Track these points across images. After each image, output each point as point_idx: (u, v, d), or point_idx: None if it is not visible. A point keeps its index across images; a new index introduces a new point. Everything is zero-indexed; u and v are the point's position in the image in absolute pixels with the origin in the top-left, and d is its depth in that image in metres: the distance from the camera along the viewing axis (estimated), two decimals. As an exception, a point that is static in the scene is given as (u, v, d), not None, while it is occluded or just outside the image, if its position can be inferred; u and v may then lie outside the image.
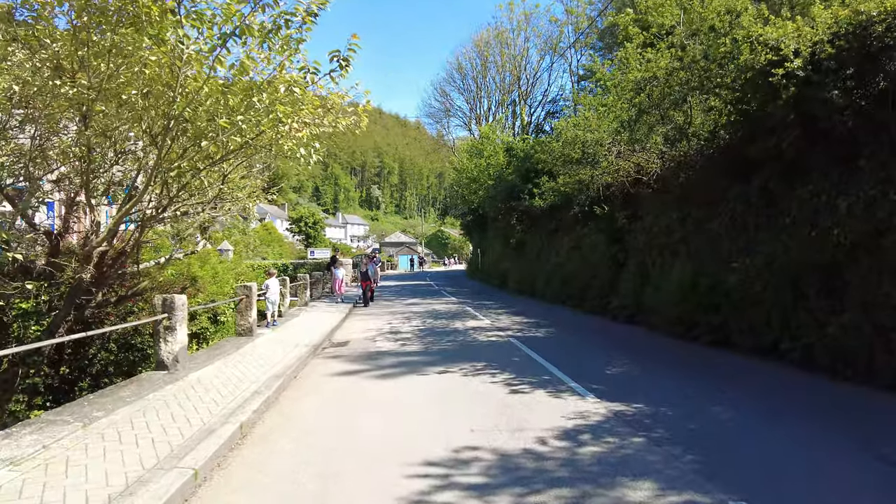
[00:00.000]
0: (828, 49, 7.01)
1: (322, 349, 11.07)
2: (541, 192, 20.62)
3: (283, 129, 8.14)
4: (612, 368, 8.50)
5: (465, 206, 36.70)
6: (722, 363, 9.02)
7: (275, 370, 8.34)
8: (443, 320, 15.07)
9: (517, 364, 8.90)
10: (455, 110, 50.60)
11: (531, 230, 25.99)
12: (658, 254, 14.20)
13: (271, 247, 41.01)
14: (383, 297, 24.16)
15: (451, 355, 9.85)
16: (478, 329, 13.15)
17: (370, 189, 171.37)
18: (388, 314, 16.78)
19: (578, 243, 19.82)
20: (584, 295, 17.50)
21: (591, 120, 13.50)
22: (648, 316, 13.32)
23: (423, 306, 19.30)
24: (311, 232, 56.72)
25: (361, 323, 14.85)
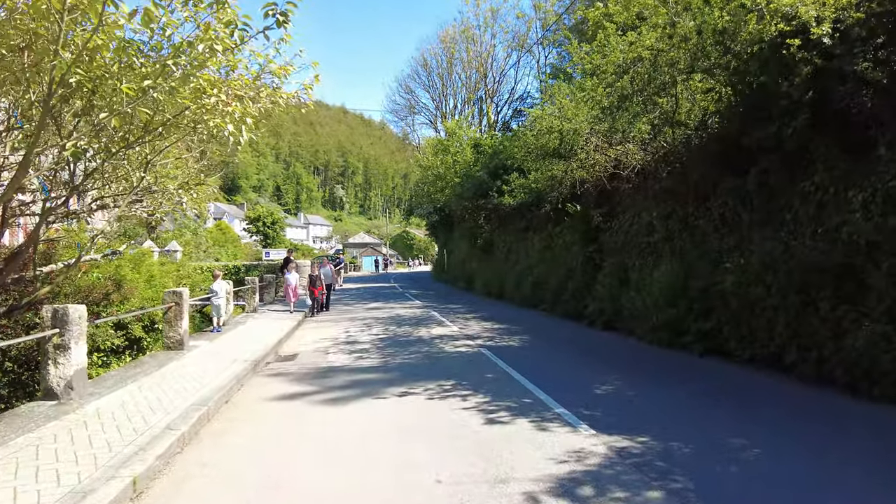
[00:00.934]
0: (854, 15, 5.99)
1: (265, 364, 9.60)
2: (510, 190, 19.50)
3: (207, 102, 6.68)
4: (600, 387, 7.33)
5: (431, 206, 35.42)
6: (722, 378, 7.97)
7: (201, 394, 6.87)
8: (406, 327, 13.72)
9: (492, 382, 7.64)
10: (420, 108, 49.32)
11: (500, 230, 24.88)
12: (638, 254, 13.21)
13: (225, 248, 38.81)
14: (343, 300, 22.63)
15: (414, 371, 8.53)
16: (445, 337, 11.86)
17: (334, 189, 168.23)
18: (347, 321, 15.33)
19: (550, 243, 18.77)
20: (557, 298, 16.43)
21: (568, 108, 12.38)
22: (629, 322, 12.28)
23: (386, 311, 17.90)
24: (270, 232, 54.41)
25: (314, 332, 13.37)
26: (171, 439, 5.19)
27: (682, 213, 11.45)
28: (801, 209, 8.42)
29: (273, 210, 57.08)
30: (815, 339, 7.30)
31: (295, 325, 14.04)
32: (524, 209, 20.46)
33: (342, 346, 10.99)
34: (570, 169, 15.25)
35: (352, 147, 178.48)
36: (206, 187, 13.71)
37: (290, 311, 16.40)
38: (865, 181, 7.35)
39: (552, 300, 16.75)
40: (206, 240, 35.95)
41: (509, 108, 40.98)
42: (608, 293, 13.39)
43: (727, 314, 9.19)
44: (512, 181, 19.42)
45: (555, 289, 16.67)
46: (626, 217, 13.90)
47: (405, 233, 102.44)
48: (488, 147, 25.11)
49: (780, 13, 6.71)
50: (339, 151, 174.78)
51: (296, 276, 17.61)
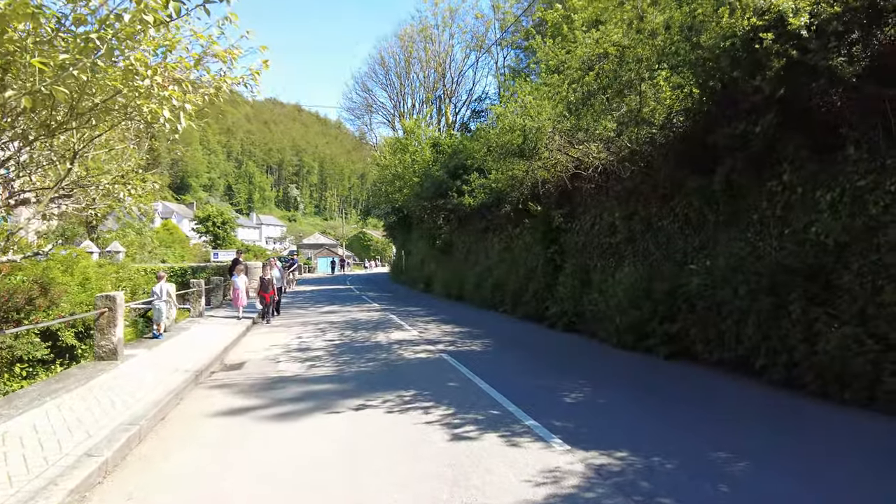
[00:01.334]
0: (829, 9, 5.81)
1: (209, 374, 8.84)
2: (471, 190, 19.11)
3: (140, 84, 5.96)
4: (570, 395, 6.95)
5: (389, 206, 34.72)
6: (691, 382, 7.74)
7: (132, 411, 6.11)
8: (363, 332, 13.09)
9: (456, 391, 7.15)
10: (378, 106, 48.49)
11: (459, 230, 24.49)
12: (600, 255, 13.02)
13: (172, 248, 36.98)
14: (296, 303, 21.74)
15: (372, 380, 7.96)
16: (404, 343, 11.31)
17: (288, 189, 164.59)
18: (299, 325, 14.56)
19: (510, 244, 18.48)
20: (517, 300, 16.12)
21: (531, 106, 12.04)
22: (591, 324, 12.05)
23: (342, 315, 17.19)
24: (220, 232, 52.43)
25: (264, 338, 12.58)
26: (89, 468, 4.48)
27: (645, 213, 11.29)
28: (768, 209, 8.31)
29: (223, 210, 55.06)
30: (785, 342, 7.13)
31: (243, 331, 13.20)
32: (484, 209, 20.12)
33: (294, 354, 10.29)
34: (532, 169, 14.95)
35: (307, 146, 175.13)
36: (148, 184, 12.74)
37: (237, 318, 15.28)
38: (833, 181, 7.25)
39: (513, 302, 16.44)
40: (151, 240, 34.10)
41: (468, 108, 40.71)
42: (570, 295, 13.15)
43: (693, 317, 9.01)
44: (472, 181, 19.04)
45: (515, 290, 16.37)
46: (587, 218, 13.70)
47: (362, 234, 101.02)
48: (447, 146, 24.69)
49: (753, 7, 6.50)
50: (294, 150, 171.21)
51: (244, 280, 16.39)
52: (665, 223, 10.71)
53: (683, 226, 10.21)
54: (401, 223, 36.74)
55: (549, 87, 10.85)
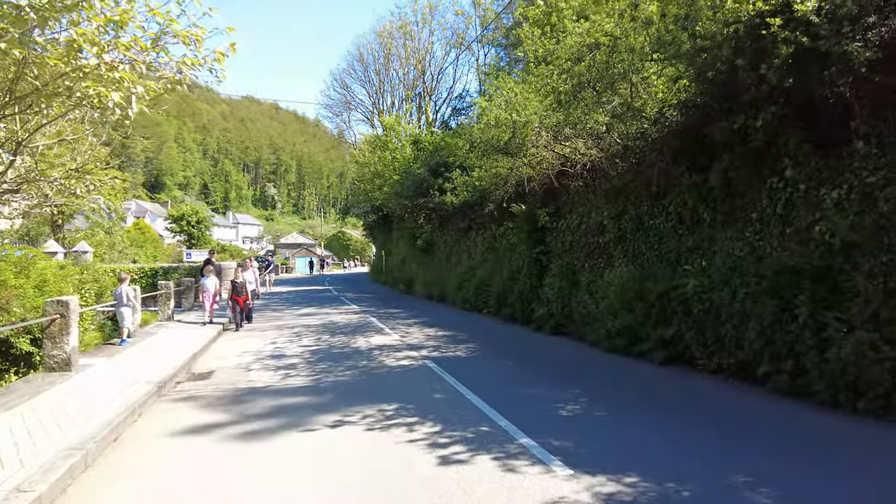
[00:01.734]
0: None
1: (175, 385, 8.15)
2: (453, 188, 18.56)
3: (85, 63, 5.30)
4: (565, 406, 6.45)
5: (369, 204, 34.05)
6: (691, 391, 7.30)
7: (80, 433, 5.44)
8: (342, 336, 12.45)
9: (442, 404, 6.60)
10: (356, 104, 47.71)
11: (441, 230, 23.94)
12: (587, 256, 12.59)
13: (144, 248, 35.75)
14: (272, 305, 20.96)
15: (351, 391, 7.36)
16: (385, 348, 10.71)
17: (265, 187, 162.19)
18: (274, 330, 13.85)
19: (494, 244, 17.99)
20: (502, 301, 15.63)
21: (516, 101, 11.52)
22: (580, 326, 11.61)
23: (319, 317, 16.50)
24: (195, 232, 51.09)
25: (236, 343, 11.86)
26: (16, 509, 3.83)
27: (635, 212, 10.86)
28: (768, 208, 7.91)
29: (198, 208, 53.68)
30: (791, 348, 6.73)
31: (214, 337, 12.46)
32: (467, 208, 19.59)
33: (267, 362, 9.62)
34: (517, 166, 14.47)
35: (284, 144, 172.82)
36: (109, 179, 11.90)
37: (206, 323, 14.24)
38: (839, 178, 6.87)
39: (497, 303, 15.95)
40: (122, 240, 32.89)
41: (448, 106, 40.20)
42: (557, 296, 12.69)
43: (689, 320, 8.59)
44: (454, 179, 18.49)
45: (499, 291, 15.88)
46: (574, 217, 13.25)
47: (341, 233, 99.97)
48: (428, 143, 24.11)
49: (761, -9, 6.07)
50: (272, 148, 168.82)
51: (214, 282, 15.14)
52: (657, 222, 10.29)
53: (677, 225, 9.80)
54: (381, 222, 36.07)
55: (538, 77, 10.32)
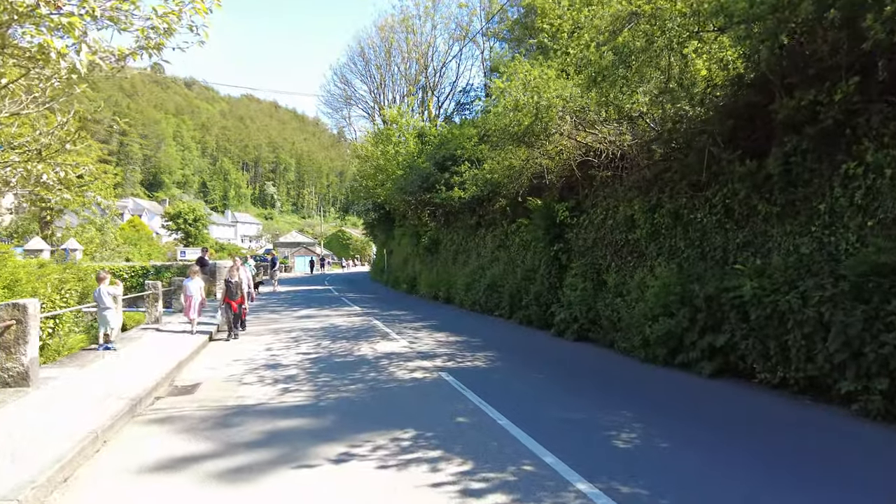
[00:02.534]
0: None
1: (153, 401, 7.03)
2: (461, 182, 17.46)
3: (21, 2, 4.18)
4: (618, 434, 5.33)
5: (370, 201, 32.93)
6: (764, 411, 6.19)
7: (17, 475, 4.32)
8: (344, 342, 11.33)
9: (469, 431, 5.48)
10: (357, 99, 46.52)
11: (447, 227, 22.82)
12: (614, 254, 11.47)
13: (138, 246, 34.62)
14: (269, 306, 19.83)
15: (357, 412, 6.24)
16: (394, 356, 9.59)
17: (264, 186, 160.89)
18: (270, 334, 12.72)
19: (505, 242, 16.88)
20: (515, 303, 14.52)
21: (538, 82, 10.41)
22: (609, 333, 10.51)
23: (319, 320, 15.38)
24: (191, 230, 50.00)
25: (228, 349, 10.74)
26: None
27: (672, 205, 9.73)
28: (843, 197, 6.79)
29: (195, 206, 52.55)
30: (886, 363, 5.61)
31: (205, 341, 11.34)
32: (475, 204, 18.50)
33: (261, 372, 8.50)
34: (533, 157, 13.38)
35: (284, 143, 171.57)
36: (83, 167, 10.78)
37: (190, 332, 12.07)
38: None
39: (510, 305, 14.84)
40: (114, 237, 31.76)
41: (451, 101, 39.08)
42: (580, 298, 11.57)
43: (745, 327, 7.48)
44: (463, 173, 17.39)
45: (513, 293, 14.77)
46: (598, 211, 12.13)
47: (341, 232, 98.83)
48: (434, 136, 22.98)
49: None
50: (271, 147, 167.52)
51: (199, 284, 12.81)
52: (698, 216, 9.17)
53: (723, 219, 8.68)
54: (382, 220, 34.96)
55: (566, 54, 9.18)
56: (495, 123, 12.57)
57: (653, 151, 9.70)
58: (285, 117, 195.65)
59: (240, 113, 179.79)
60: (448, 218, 22.17)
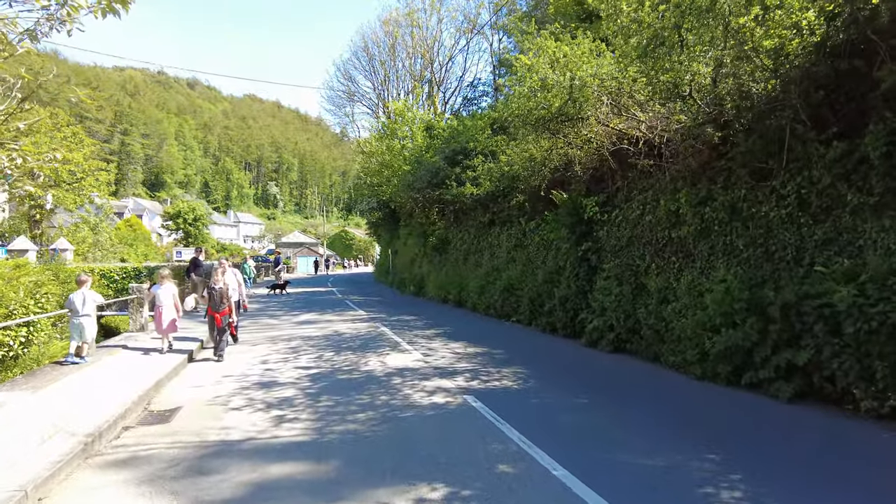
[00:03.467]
0: None
1: (118, 434, 5.76)
2: (474, 177, 16.16)
3: None
4: (721, 494, 4.02)
5: (374, 200, 31.64)
6: (882, 454, 4.87)
7: None
8: (349, 353, 10.03)
9: (517, 489, 4.16)
10: (360, 96, 45.28)
11: (457, 225, 21.50)
12: (655, 253, 10.15)
13: (134, 246, 33.42)
14: (268, 310, 18.56)
15: (369, 459, 4.93)
16: (407, 373, 8.28)
17: (267, 186, 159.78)
18: (267, 343, 11.43)
19: (523, 241, 15.56)
20: (537, 308, 13.22)
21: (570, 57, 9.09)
22: (653, 345, 9.20)
23: (321, 326, 14.09)
24: (192, 230, 48.80)
25: (217, 363, 9.46)
26: None
27: (727, 197, 8.41)
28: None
29: (195, 205, 51.32)
30: None
31: (192, 350, 10.05)
32: (489, 200, 17.19)
33: (252, 394, 7.21)
34: (557, 147, 12.08)
35: (287, 142, 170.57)
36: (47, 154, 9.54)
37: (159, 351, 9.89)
38: None
39: (530, 310, 13.53)
40: (109, 237, 30.55)
41: (458, 96, 37.82)
42: (615, 304, 10.26)
43: (837, 343, 6.16)
44: (476, 167, 16.08)
45: (533, 296, 13.46)
46: (633, 205, 10.82)
47: (344, 232, 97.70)
48: (443, 129, 21.68)
49: None
50: (274, 147, 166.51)
51: (171, 292, 10.34)
52: (762, 209, 7.84)
53: (796, 212, 7.35)
54: (387, 219, 33.68)
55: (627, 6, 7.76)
56: (518, 108, 11.24)
57: (704, 136, 8.37)
58: (288, 117, 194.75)
59: (242, 113, 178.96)
60: (458, 216, 20.87)
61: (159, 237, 42.52)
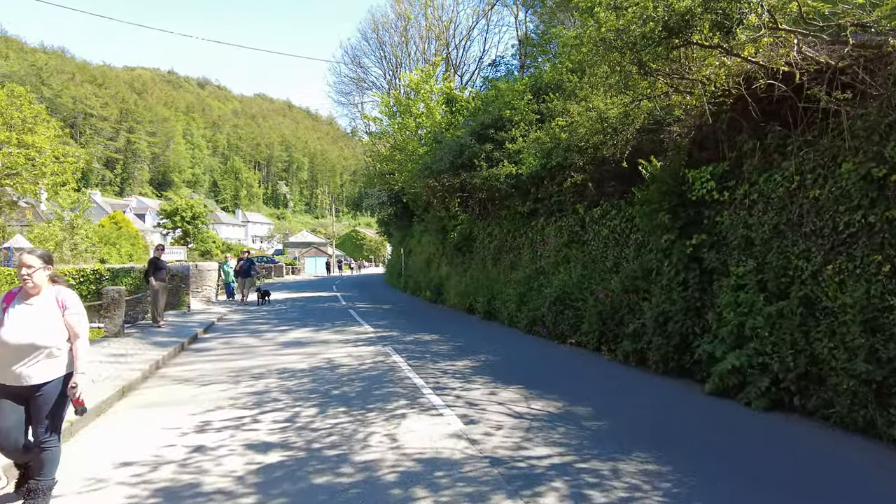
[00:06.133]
0: None
1: None
2: (516, 151, 12.34)
3: None
4: None
5: (384, 192, 27.89)
6: None
7: None
8: (342, 410, 6.22)
9: None
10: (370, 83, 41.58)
11: (483, 218, 17.69)
12: (834, 248, 6.25)
13: (117, 246, 29.97)
14: (253, 322, 14.87)
15: None
16: (442, 477, 4.44)
17: (277, 185, 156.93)
18: (227, 380, 7.71)
19: (581, 234, 11.73)
20: (614, 329, 9.37)
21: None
22: (862, 407, 5.31)
23: (311, 351, 10.33)
24: (190, 228, 45.38)
25: (136, 420, 5.71)
26: None
27: None
28: None
29: (193, 202, 47.80)
30: None
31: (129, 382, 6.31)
32: (531, 184, 13.35)
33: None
34: (655, 89, 8.25)
35: (297, 141, 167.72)
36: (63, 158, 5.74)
37: None
38: None
39: (600, 331, 9.67)
40: (87, 236, 27.04)
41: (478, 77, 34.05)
42: (770, 331, 6.39)
43: None
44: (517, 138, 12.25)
45: (605, 312, 9.61)
46: (777, 177, 6.94)
47: (354, 232, 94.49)
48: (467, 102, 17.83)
49: None
50: (283, 146, 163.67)
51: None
52: None
53: None
54: (399, 215, 29.91)
55: None
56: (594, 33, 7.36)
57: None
58: (298, 116, 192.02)
59: (252, 112, 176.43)
60: (486, 206, 17.05)
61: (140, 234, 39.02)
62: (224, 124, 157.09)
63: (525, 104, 13.72)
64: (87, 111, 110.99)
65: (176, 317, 15.42)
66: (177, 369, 8.83)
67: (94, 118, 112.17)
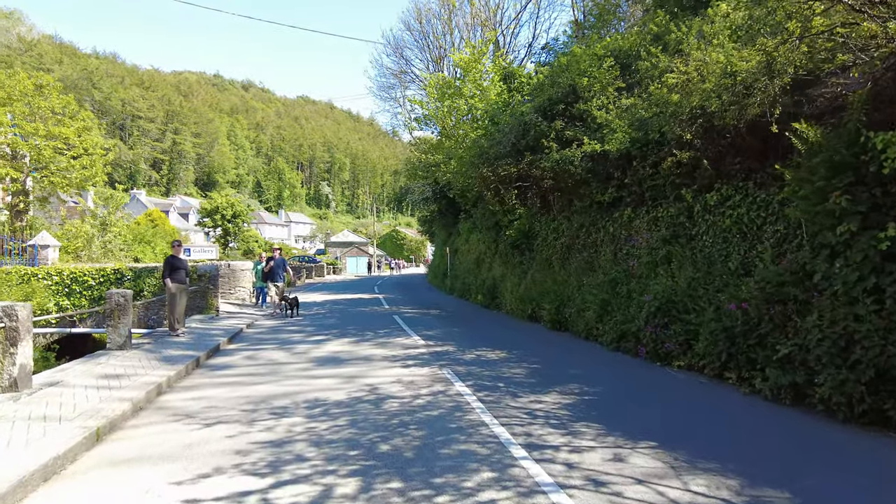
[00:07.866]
0: None
1: None
2: (606, 123, 10.01)
3: None
4: None
5: (428, 188, 25.83)
6: None
7: None
8: (396, 485, 4.10)
9: None
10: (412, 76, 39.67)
11: (546, 212, 15.37)
12: None
13: (153, 244, 28.94)
14: (285, 330, 13.00)
15: None
16: None
17: (319, 186, 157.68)
18: (238, 415, 5.71)
19: (689, 227, 9.32)
20: (743, 352, 6.96)
21: None
22: None
23: (350, 372, 8.29)
24: (230, 227, 44.50)
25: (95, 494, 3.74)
26: None
27: None
28: None
29: (233, 200, 46.89)
30: None
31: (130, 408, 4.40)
32: (613, 166, 10.98)
33: None
34: (811, 32, 5.84)
35: (338, 142, 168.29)
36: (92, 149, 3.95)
37: None
38: None
39: (728, 353, 7.26)
40: (121, 233, 25.98)
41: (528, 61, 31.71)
42: None
43: None
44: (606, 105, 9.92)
45: (738, 329, 7.19)
46: None
47: (395, 231, 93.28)
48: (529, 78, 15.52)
49: None
50: (325, 147, 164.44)
51: None
52: None
53: None
54: (444, 212, 27.82)
55: None
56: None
57: None
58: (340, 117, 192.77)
59: (295, 113, 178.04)
60: (548, 197, 14.74)
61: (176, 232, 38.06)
62: (267, 125, 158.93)
63: (604, 72, 11.37)
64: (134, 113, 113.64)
65: (201, 322, 13.73)
66: (182, 396, 6.92)
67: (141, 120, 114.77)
